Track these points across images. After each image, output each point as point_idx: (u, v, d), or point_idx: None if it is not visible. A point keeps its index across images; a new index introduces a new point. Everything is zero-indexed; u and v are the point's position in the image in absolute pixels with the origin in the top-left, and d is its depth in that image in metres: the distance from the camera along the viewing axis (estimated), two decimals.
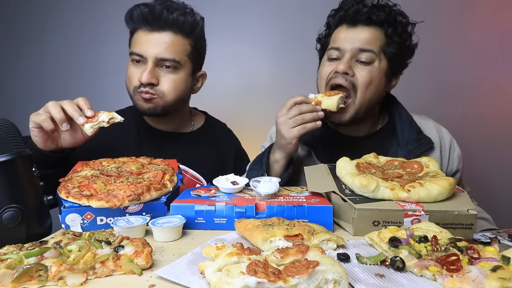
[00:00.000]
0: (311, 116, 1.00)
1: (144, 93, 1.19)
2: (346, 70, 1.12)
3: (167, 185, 0.90)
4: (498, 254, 0.57)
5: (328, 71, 1.17)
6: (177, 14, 1.17)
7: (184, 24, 1.19)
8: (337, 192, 0.86)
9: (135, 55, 1.19)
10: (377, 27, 1.14)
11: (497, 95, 2.13)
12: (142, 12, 1.16)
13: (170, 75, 1.20)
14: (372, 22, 1.13)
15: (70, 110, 0.96)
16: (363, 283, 0.54)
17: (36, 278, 0.54)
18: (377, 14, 1.12)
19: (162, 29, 1.17)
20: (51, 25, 2.25)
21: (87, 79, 2.22)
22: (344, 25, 1.17)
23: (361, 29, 1.14)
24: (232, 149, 1.45)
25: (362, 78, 1.13)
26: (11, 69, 2.29)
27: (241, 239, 0.75)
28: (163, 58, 1.17)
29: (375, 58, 1.14)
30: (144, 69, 1.17)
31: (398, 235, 0.65)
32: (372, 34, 1.13)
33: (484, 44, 2.11)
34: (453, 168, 1.23)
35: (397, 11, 1.16)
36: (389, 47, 1.15)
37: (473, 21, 2.11)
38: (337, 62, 1.16)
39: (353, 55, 1.13)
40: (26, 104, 2.22)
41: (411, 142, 1.19)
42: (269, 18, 2.17)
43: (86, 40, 2.25)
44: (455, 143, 1.26)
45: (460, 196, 0.84)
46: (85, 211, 0.80)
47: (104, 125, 0.98)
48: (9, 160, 0.73)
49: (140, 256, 0.60)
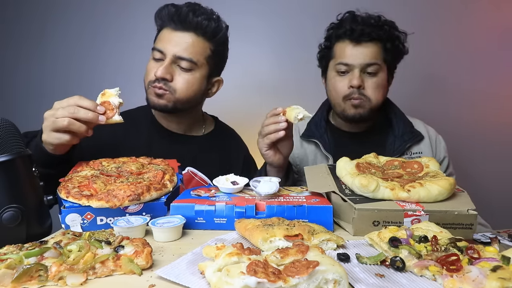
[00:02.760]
0: (273, 127, 1.04)
1: (157, 88, 1.21)
2: (360, 84, 1.29)
3: (167, 185, 0.90)
4: (498, 254, 0.57)
5: (343, 86, 1.33)
6: (202, 18, 1.21)
7: (207, 28, 1.22)
8: (337, 192, 0.86)
9: (156, 50, 1.23)
10: (378, 42, 1.31)
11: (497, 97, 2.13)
12: (169, 12, 1.21)
13: (184, 74, 1.23)
14: (373, 39, 1.29)
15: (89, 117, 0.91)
16: (363, 283, 0.54)
17: (36, 278, 0.54)
18: (379, 33, 1.29)
19: (185, 30, 1.21)
20: (50, 26, 2.25)
21: (87, 79, 2.22)
22: (347, 41, 1.31)
23: (366, 46, 1.29)
24: (240, 156, 1.45)
25: (371, 88, 1.31)
26: (11, 69, 2.29)
27: (241, 239, 0.75)
28: (181, 56, 1.20)
29: (379, 68, 1.31)
30: (160, 65, 1.21)
31: (398, 235, 0.65)
32: (375, 49, 1.30)
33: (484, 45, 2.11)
34: (440, 157, 1.43)
35: (392, 25, 1.33)
36: (387, 56, 1.33)
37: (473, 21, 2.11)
38: (347, 76, 1.32)
39: (362, 69, 1.30)
40: (26, 104, 2.23)
41: (405, 133, 1.38)
42: (270, 18, 2.16)
43: (86, 41, 2.25)
44: (440, 137, 1.48)
45: (460, 196, 0.84)
46: (85, 211, 0.80)
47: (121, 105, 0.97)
48: (9, 160, 0.73)
49: (140, 256, 0.60)
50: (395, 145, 1.36)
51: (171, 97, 1.23)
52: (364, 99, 1.31)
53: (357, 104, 1.31)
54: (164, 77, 1.20)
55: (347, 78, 1.31)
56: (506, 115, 2.13)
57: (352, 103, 1.32)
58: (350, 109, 1.33)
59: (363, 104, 1.32)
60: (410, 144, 1.37)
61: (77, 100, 0.92)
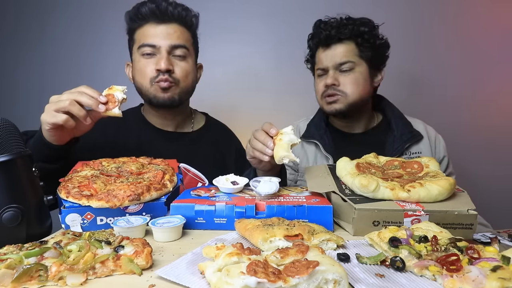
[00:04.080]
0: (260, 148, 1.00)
1: (163, 81, 1.23)
2: (333, 82, 1.37)
3: (167, 185, 0.90)
4: (498, 254, 0.57)
5: (321, 86, 1.42)
6: (180, 9, 1.26)
7: (187, 18, 1.28)
8: (337, 192, 0.86)
9: (147, 46, 1.23)
10: (347, 41, 1.36)
11: (495, 99, 2.13)
12: (150, 8, 1.23)
13: (181, 63, 1.26)
14: (341, 39, 1.36)
15: (90, 103, 0.94)
16: (363, 283, 0.54)
17: (36, 278, 0.54)
18: (343, 32, 1.34)
19: (169, 21, 1.24)
20: (50, 26, 2.25)
21: (86, 79, 2.20)
22: (320, 48, 1.41)
23: (335, 47, 1.37)
24: (232, 149, 1.46)
25: (347, 84, 1.36)
26: (11, 69, 2.29)
27: (241, 239, 0.75)
28: (176, 45, 1.23)
29: (354, 65, 1.36)
30: (158, 59, 1.22)
31: (398, 235, 0.65)
32: (345, 48, 1.36)
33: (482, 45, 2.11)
34: (440, 156, 1.45)
35: (359, 22, 1.36)
36: (363, 52, 1.37)
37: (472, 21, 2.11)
38: (324, 77, 1.41)
39: (335, 68, 1.37)
40: (26, 104, 2.23)
41: (405, 134, 1.41)
42: (268, 19, 2.17)
43: (86, 41, 2.25)
44: (440, 136, 1.49)
45: (460, 196, 0.84)
46: (85, 211, 0.80)
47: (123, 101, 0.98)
48: (9, 160, 0.73)
49: (140, 256, 0.60)
50: (394, 146, 1.38)
51: (176, 89, 1.26)
52: (340, 95, 1.37)
53: (332, 100, 1.38)
54: (168, 69, 1.22)
55: (324, 79, 1.40)
56: (507, 114, 2.13)
57: (327, 100, 1.40)
58: (326, 105, 1.42)
59: (340, 100, 1.37)
60: (409, 144, 1.39)
61: (83, 87, 0.97)
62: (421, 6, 2.10)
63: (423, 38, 2.10)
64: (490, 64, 2.11)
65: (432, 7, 2.10)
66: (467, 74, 2.12)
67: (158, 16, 1.23)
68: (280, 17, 2.16)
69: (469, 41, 2.11)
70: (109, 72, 2.20)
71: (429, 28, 2.10)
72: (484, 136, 2.13)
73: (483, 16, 2.10)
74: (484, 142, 2.13)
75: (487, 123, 2.13)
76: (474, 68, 2.12)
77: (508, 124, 2.13)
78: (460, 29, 2.11)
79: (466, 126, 2.12)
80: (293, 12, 2.15)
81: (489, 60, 2.11)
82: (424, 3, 2.10)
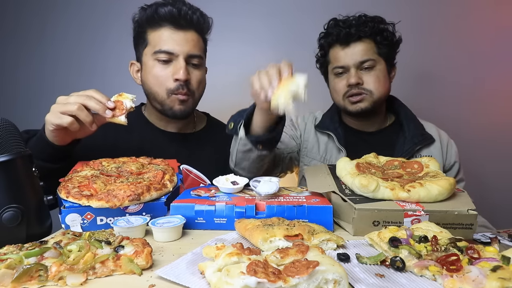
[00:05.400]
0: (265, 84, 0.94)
1: (182, 94, 1.21)
2: (357, 81, 1.34)
3: (167, 185, 0.90)
4: (498, 254, 0.57)
5: (342, 86, 1.39)
6: (198, 15, 1.22)
7: (204, 24, 1.26)
8: (337, 192, 0.86)
9: (163, 53, 1.19)
10: (366, 39, 1.36)
11: (497, 97, 2.13)
12: (170, 11, 1.19)
13: (196, 72, 1.25)
14: (361, 37, 1.35)
15: (97, 108, 0.93)
16: (363, 283, 0.54)
17: (36, 278, 0.54)
18: (364, 30, 1.34)
19: (187, 28, 1.21)
20: (50, 26, 2.25)
21: (87, 79, 2.22)
22: (338, 45, 1.38)
23: (355, 45, 1.35)
24: None
25: (371, 82, 1.35)
26: (11, 69, 2.29)
27: (241, 239, 0.75)
28: (193, 54, 1.21)
29: (375, 63, 1.36)
30: (176, 67, 1.19)
31: (398, 235, 0.65)
32: (365, 46, 1.35)
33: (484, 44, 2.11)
34: (451, 161, 1.43)
35: (377, 20, 1.37)
36: (381, 49, 1.37)
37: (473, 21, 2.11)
38: (345, 76, 1.38)
39: (357, 66, 1.35)
40: (26, 104, 2.23)
41: (416, 136, 1.39)
42: (269, 18, 2.17)
43: (86, 41, 2.25)
44: (452, 142, 1.48)
45: (460, 196, 0.84)
46: (85, 211, 0.80)
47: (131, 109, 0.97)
48: (9, 160, 0.73)
49: (140, 256, 0.60)
50: (405, 147, 1.37)
51: (191, 101, 1.24)
52: (365, 93, 1.36)
53: (357, 100, 1.36)
54: (187, 79, 1.19)
55: (345, 78, 1.38)
56: (507, 114, 2.13)
57: (351, 100, 1.37)
58: (350, 105, 1.39)
59: (366, 98, 1.36)
60: (420, 146, 1.38)
61: (92, 91, 0.95)
62: (422, 6, 2.10)
63: (423, 37, 2.10)
64: (491, 63, 2.11)
65: (434, 7, 2.10)
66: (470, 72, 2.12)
67: (177, 21, 1.19)
68: (280, 17, 2.16)
69: (470, 41, 2.11)
70: (109, 71, 2.20)
71: (429, 28, 2.10)
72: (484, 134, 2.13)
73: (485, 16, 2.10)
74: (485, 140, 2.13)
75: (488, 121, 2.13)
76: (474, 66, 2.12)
77: (509, 122, 2.13)
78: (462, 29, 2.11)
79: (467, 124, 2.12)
80: (293, 12, 2.15)
81: (489, 59, 2.11)
82: (425, 4, 2.10)
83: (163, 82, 1.20)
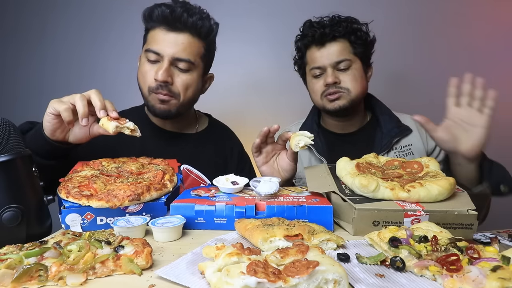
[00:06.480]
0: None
1: (162, 94, 1.20)
2: (334, 80, 1.37)
3: (167, 185, 0.90)
4: (498, 254, 0.57)
5: (319, 86, 1.42)
6: (196, 18, 1.20)
7: (202, 28, 1.22)
8: (337, 192, 0.86)
9: (152, 52, 1.20)
10: (341, 39, 1.38)
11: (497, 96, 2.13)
12: (163, 12, 1.18)
13: (183, 75, 1.22)
14: (336, 37, 1.37)
15: (97, 102, 0.93)
16: (363, 283, 0.54)
17: (36, 278, 0.54)
18: (337, 30, 1.36)
19: (180, 30, 1.19)
20: (50, 26, 2.25)
21: (87, 79, 2.22)
22: (314, 46, 1.41)
23: (330, 46, 1.38)
24: (234, 151, 1.46)
25: (347, 81, 1.38)
26: (11, 69, 2.29)
27: (241, 239, 0.75)
28: (179, 58, 1.19)
29: (351, 62, 1.38)
30: (159, 67, 1.19)
31: (398, 235, 0.65)
32: (340, 46, 1.38)
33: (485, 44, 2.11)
34: (432, 145, 1.45)
35: (350, 20, 1.39)
36: (356, 49, 1.39)
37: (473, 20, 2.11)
38: (323, 76, 1.40)
39: (333, 66, 1.38)
40: (26, 104, 2.23)
41: (392, 129, 1.43)
42: (269, 19, 2.17)
43: (86, 41, 2.25)
44: None
45: (460, 196, 0.84)
46: (85, 211, 0.80)
47: (126, 132, 0.95)
48: (9, 160, 0.73)
49: (140, 256, 0.60)
50: (383, 142, 1.41)
51: (174, 103, 1.23)
52: (343, 92, 1.38)
53: (335, 97, 1.38)
54: (165, 81, 1.18)
55: (322, 79, 1.40)
56: (507, 114, 2.13)
57: (329, 98, 1.40)
58: (328, 103, 1.41)
59: (343, 96, 1.38)
60: (398, 138, 1.42)
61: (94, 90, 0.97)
62: (421, 4, 2.10)
63: (423, 37, 2.10)
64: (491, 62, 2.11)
65: (432, 4, 2.10)
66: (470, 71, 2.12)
67: (170, 22, 1.18)
68: (280, 18, 2.16)
69: (469, 39, 2.11)
70: (109, 71, 2.20)
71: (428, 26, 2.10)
72: None
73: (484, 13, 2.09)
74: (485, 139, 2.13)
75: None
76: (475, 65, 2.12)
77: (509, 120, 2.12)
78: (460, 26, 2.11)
79: None
80: (293, 12, 2.15)
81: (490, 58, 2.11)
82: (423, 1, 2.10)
83: (146, 79, 1.22)
